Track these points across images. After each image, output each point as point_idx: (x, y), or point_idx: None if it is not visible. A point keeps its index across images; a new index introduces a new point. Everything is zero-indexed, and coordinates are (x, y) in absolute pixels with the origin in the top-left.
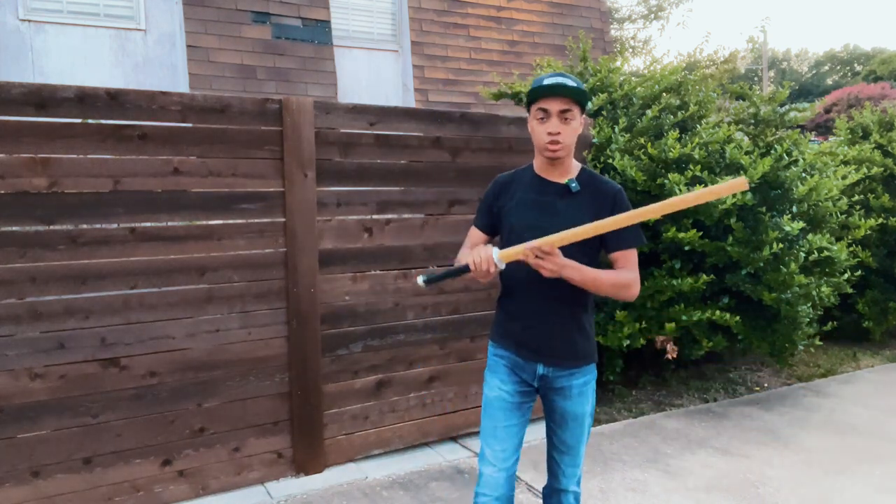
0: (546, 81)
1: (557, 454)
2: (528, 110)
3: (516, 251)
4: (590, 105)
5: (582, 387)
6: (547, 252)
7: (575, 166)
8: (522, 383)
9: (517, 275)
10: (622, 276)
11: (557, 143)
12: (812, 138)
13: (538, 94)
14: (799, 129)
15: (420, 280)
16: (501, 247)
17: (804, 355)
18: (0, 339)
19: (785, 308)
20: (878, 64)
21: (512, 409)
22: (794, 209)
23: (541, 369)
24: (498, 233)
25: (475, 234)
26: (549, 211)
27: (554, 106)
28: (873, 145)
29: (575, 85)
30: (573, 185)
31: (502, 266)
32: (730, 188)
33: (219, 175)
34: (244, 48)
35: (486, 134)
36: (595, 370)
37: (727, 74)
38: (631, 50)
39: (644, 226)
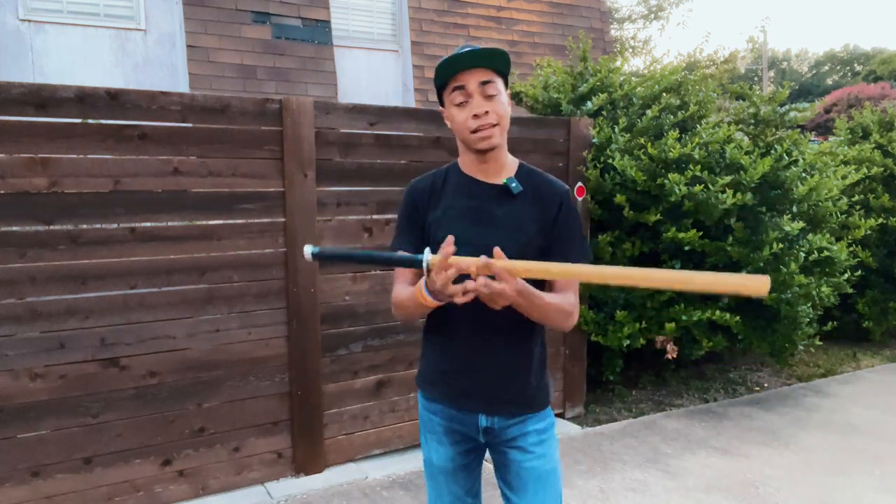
0: (456, 52)
1: None
2: (441, 100)
3: (469, 263)
4: (590, 105)
5: (542, 433)
6: (508, 278)
7: (512, 162)
8: (465, 441)
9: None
10: (566, 303)
11: (489, 123)
12: (812, 138)
13: (450, 68)
14: (799, 129)
15: (308, 251)
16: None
17: (804, 355)
18: (0, 339)
19: (785, 308)
20: (878, 64)
21: (457, 472)
22: (794, 209)
23: (483, 421)
24: None
25: None
26: (485, 220)
27: (472, 79)
28: (873, 145)
29: (492, 48)
30: (513, 185)
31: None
32: (749, 286)
33: (219, 175)
34: (244, 48)
35: None
36: (552, 413)
37: (727, 74)
38: (631, 50)
39: (644, 225)
